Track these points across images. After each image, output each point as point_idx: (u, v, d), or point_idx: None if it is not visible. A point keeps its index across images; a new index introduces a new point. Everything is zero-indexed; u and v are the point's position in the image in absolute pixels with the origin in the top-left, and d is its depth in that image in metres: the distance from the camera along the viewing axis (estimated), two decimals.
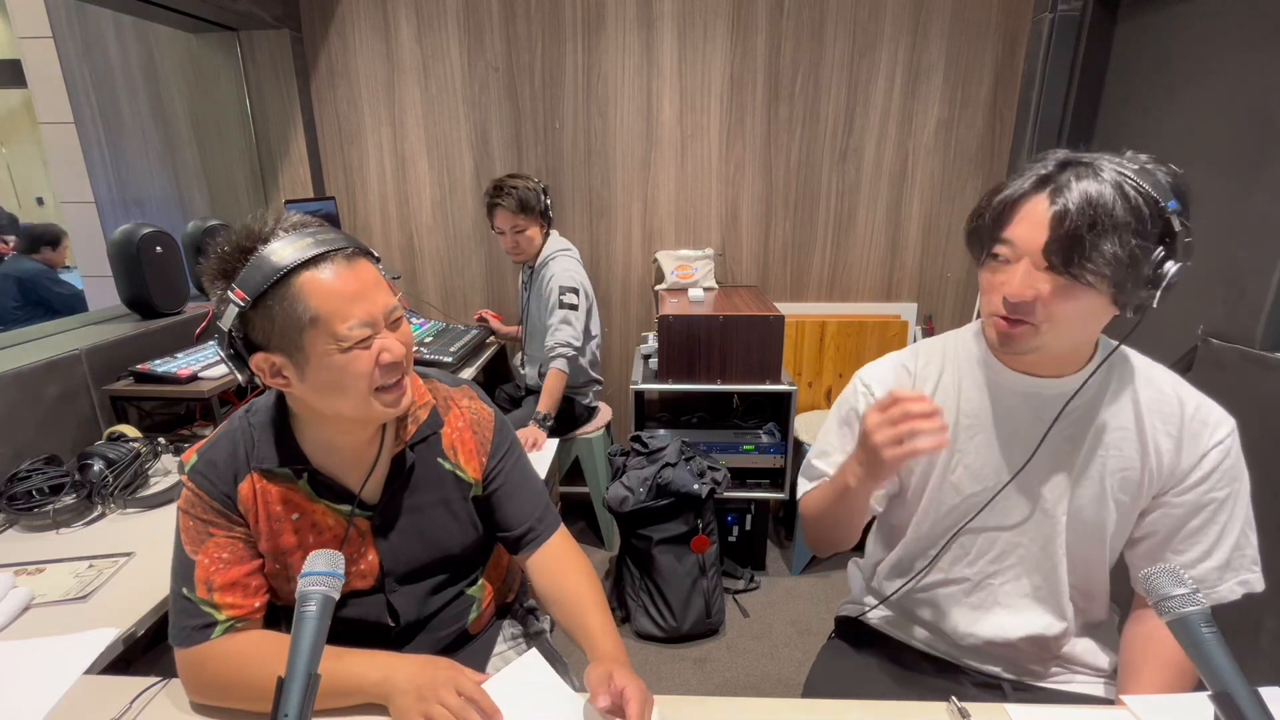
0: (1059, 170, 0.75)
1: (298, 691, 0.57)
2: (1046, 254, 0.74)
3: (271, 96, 2.48)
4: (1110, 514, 0.88)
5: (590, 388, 2.40)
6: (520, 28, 2.45)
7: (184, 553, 0.83)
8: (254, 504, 0.85)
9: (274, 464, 0.85)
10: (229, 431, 0.87)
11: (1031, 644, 0.96)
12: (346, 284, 0.75)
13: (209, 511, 0.83)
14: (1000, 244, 0.79)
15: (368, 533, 0.90)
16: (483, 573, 1.03)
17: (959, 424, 0.92)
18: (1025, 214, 0.76)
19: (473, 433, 0.96)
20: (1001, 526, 0.93)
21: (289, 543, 0.86)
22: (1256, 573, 0.86)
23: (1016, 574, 0.94)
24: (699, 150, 2.54)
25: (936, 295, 2.66)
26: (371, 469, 0.88)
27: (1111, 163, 0.73)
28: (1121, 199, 0.71)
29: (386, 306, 0.79)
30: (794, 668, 1.94)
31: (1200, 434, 0.84)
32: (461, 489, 0.95)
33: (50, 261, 3.14)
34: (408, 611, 0.95)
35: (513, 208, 2.13)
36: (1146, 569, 0.63)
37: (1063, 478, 0.89)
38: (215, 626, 0.81)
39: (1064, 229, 0.72)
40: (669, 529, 2.00)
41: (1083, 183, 0.72)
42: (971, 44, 2.37)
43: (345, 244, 0.77)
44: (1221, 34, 1.68)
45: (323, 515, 0.88)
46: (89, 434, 1.49)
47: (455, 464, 0.94)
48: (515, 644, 1.07)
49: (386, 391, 0.80)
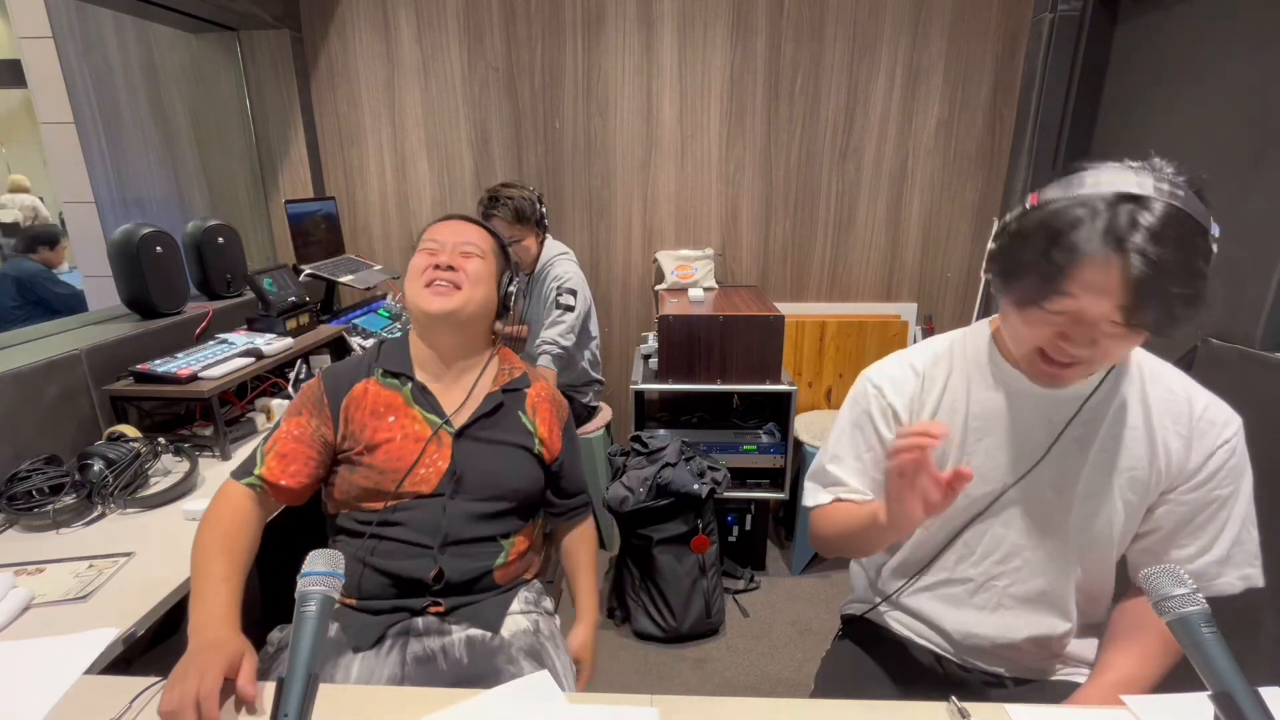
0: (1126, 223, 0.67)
1: (298, 691, 0.57)
2: (1126, 319, 0.69)
3: (271, 96, 2.48)
4: (1118, 514, 0.88)
5: (591, 388, 2.40)
6: (520, 28, 2.45)
7: (280, 419, 1.08)
8: (364, 400, 1.07)
9: (388, 368, 1.10)
10: (360, 354, 1.17)
11: (1035, 644, 0.96)
12: (441, 229, 1.11)
13: (314, 398, 1.07)
14: (1061, 299, 0.71)
15: (448, 445, 1.07)
16: (520, 531, 1.14)
17: (968, 426, 0.92)
18: (1092, 275, 0.68)
19: (551, 405, 1.18)
20: (1008, 528, 0.93)
21: (382, 436, 1.05)
22: (1257, 567, 0.87)
23: (1022, 575, 0.94)
24: (699, 150, 2.54)
25: (936, 295, 2.66)
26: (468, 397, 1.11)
27: (1162, 193, 0.68)
28: (1189, 247, 0.67)
29: (457, 241, 1.08)
30: (794, 668, 1.94)
31: (1208, 433, 0.84)
32: (530, 443, 1.13)
33: (48, 261, 3.13)
34: (454, 521, 1.06)
35: (509, 218, 2.13)
36: (1147, 569, 0.63)
37: (1070, 479, 0.88)
38: (251, 475, 1.02)
39: (1145, 297, 0.67)
40: (669, 529, 2.00)
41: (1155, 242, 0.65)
42: (971, 44, 2.37)
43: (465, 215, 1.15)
44: (1221, 34, 1.68)
45: (414, 419, 1.07)
46: (89, 434, 1.49)
47: (533, 422, 1.14)
48: (528, 612, 1.11)
49: (432, 287, 1.05)
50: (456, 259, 1.07)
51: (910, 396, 0.95)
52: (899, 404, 0.95)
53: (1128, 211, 0.67)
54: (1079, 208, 0.69)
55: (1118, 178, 0.70)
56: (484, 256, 1.10)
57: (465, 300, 1.06)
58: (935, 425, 0.74)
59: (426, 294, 1.05)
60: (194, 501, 1.30)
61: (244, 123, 2.52)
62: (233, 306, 2.01)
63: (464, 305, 1.06)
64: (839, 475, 1.00)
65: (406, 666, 1.00)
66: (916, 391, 0.95)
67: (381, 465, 1.04)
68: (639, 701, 0.78)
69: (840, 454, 1.01)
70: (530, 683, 0.84)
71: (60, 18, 2.45)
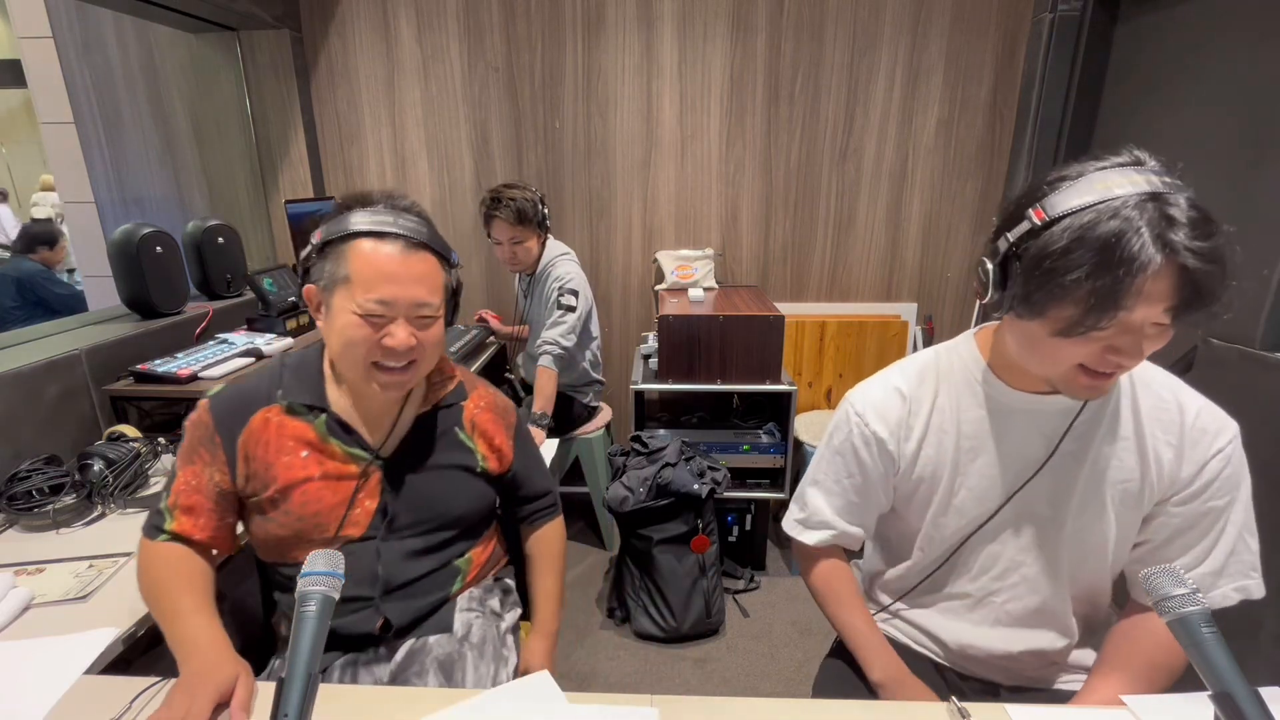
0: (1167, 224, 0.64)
1: (297, 691, 0.57)
2: (1176, 317, 0.67)
3: (271, 96, 2.48)
4: (1111, 526, 0.87)
5: (591, 388, 2.40)
6: (520, 28, 2.45)
7: (175, 463, 0.93)
8: (264, 434, 0.92)
9: (296, 399, 0.93)
10: (260, 370, 0.97)
11: (1033, 657, 0.96)
12: (387, 264, 0.83)
13: (205, 438, 0.91)
14: (1111, 320, 0.67)
15: (375, 480, 0.95)
16: (475, 545, 1.06)
17: (960, 447, 0.90)
18: (1152, 286, 0.65)
19: (494, 414, 1.05)
20: (1004, 545, 0.92)
21: (295, 476, 0.92)
22: (1256, 579, 0.84)
23: (1019, 592, 0.93)
24: (699, 150, 2.54)
25: (936, 295, 2.66)
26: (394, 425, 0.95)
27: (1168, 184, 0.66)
28: (1217, 230, 0.65)
29: (414, 299, 0.85)
30: (794, 668, 1.94)
31: (1200, 442, 0.82)
32: (471, 461, 1.02)
33: (48, 261, 3.14)
34: (390, 567, 0.96)
35: (511, 219, 2.12)
36: (1146, 570, 0.63)
37: (1064, 494, 0.87)
38: (164, 531, 0.90)
39: (1200, 292, 0.65)
40: (669, 529, 2.00)
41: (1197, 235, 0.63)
42: (971, 44, 2.37)
43: (411, 234, 0.85)
44: (1221, 34, 1.68)
45: (331, 455, 0.93)
46: (89, 434, 1.49)
47: (471, 438, 1.02)
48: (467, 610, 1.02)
49: (384, 371, 0.87)
50: (412, 334, 0.85)
51: (895, 422, 0.93)
52: (882, 432, 0.93)
53: (1159, 210, 0.64)
54: (1111, 218, 0.65)
55: (1124, 179, 0.67)
56: (439, 309, 0.89)
57: (419, 376, 0.92)
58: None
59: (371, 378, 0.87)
60: None
61: (244, 123, 2.52)
62: (233, 306, 2.01)
63: (418, 380, 0.92)
64: (819, 506, 1.01)
65: None
66: (903, 416, 0.93)
67: (299, 511, 0.91)
68: (639, 701, 0.79)
69: (820, 478, 1.01)
70: (530, 683, 0.84)
71: (60, 18, 2.45)
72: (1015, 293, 0.73)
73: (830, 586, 1.03)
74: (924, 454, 0.92)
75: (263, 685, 0.80)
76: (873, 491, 0.97)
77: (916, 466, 0.93)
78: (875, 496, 0.98)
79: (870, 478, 0.96)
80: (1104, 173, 0.68)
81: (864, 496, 0.98)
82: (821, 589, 1.04)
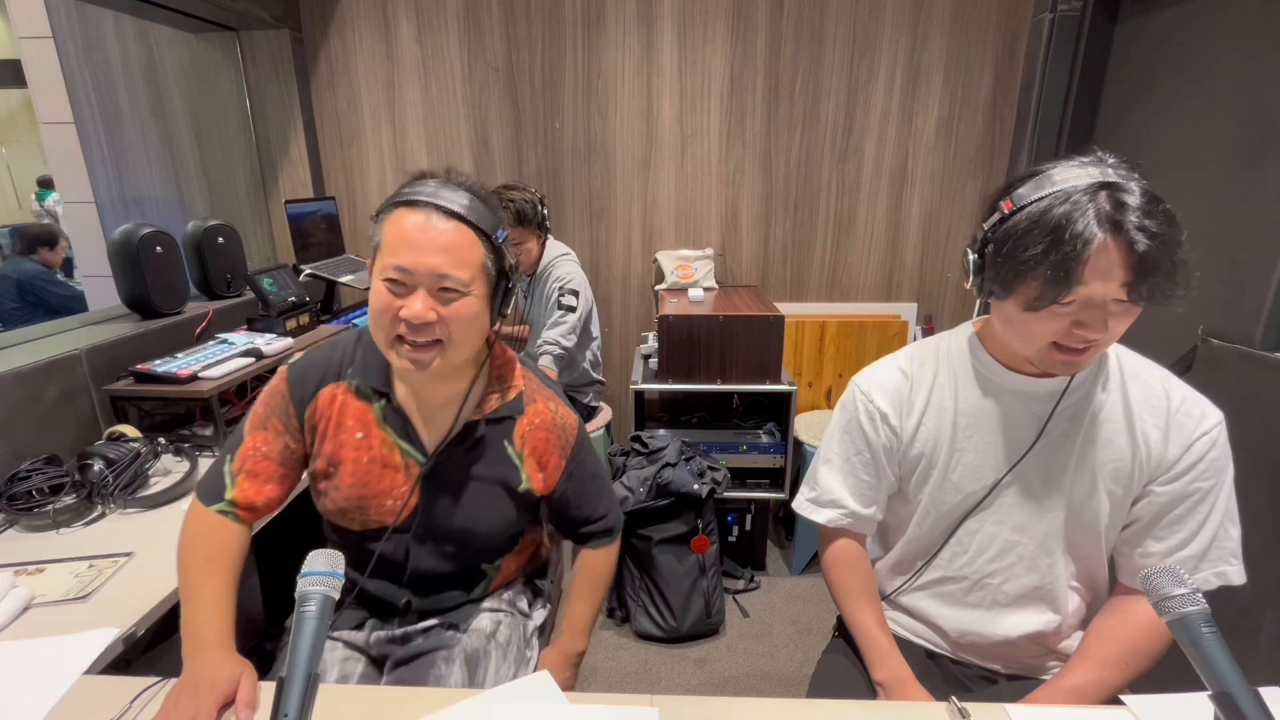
0: (1116, 206, 0.71)
1: (298, 691, 0.57)
2: (1131, 294, 0.72)
3: (271, 96, 2.48)
4: (1104, 505, 0.90)
5: (591, 388, 2.40)
6: (520, 28, 2.45)
7: (242, 429, 0.94)
8: (329, 410, 0.93)
9: (362, 380, 0.93)
10: (336, 342, 0.97)
11: (1031, 642, 0.97)
12: (413, 232, 0.80)
13: (280, 406, 0.93)
14: (1067, 294, 0.74)
15: (416, 477, 0.94)
16: (504, 559, 1.06)
17: (957, 424, 0.94)
18: (1099, 260, 0.71)
19: (548, 432, 0.98)
20: (1000, 524, 0.94)
21: (346, 455, 0.93)
22: (1236, 565, 0.87)
23: (1015, 572, 0.95)
24: (699, 150, 2.54)
25: (936, 295, 2.66)
26: (450, 427, 0.93)
27: (1124, 177, 0.73)
28: (1170, 219, 0.71)
29: (433, 269, 0.80)
30: (794, 668, 1.94)
31: (1186, 425, 0.86)
32: (515, 478, 0.98)
33: (47, 262, 3.14)
34: (419, 561, 0.98)
35: (510, 221, 2.12)
36: (1146, 570, 0.63)
37: (1058, 473, 0.90)
38: (222, 501, 0.91)
39: (1148, 270, 0.71)
40: (669, 529, 2.00)
41: (1146, 217, 0.70)
42: (971, 44, 2.37)
43: (446, 203, 0.81)
44: (1221, 34, 1.68)
45: (383, 442, 0.94)
46: (89, 434, 1.49)
47: (519, 454, 0.97)
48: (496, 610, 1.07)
49: (404, 344, 0.83)
50: (431, 307, 0.80)
51: (898, 398, 0.97)
52: (886, 408, 0.97)
53: (1110, 196, 0.72)
54: (1063, 203, 0.73)
55: (1082, 172, 0.74)
56: (470, 285, 0.82)
57: (449, 359, 0.85)
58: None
59: (393, 353, 0.84)
60: None
61: (244, 123, 2.52)
62: (233, 306, 2.01)
63: (448, 363, 0.85)
64: (830, 484, 1.03)
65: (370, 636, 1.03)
66: (905, 392, 0.97)
67: (346, 490, 0.94)
68: (639, 701, 0.79)
69: (831, 457, 1.04)
70: (530, 683, 0.84)
71: (60, 18, 2.44)
72: (989, 275, 0.81)
73: (842, 579, 1.04)
74: (923, 430, 0.96)
75: (263, 685, 0.80)
76: (881, 468, 1.00)
77: (916, 442, 0.96)
78: (884, 473, 1.00)
79: (877, 453, 0.99)
80: (1065, 167, 0.76)
81: (873, 474, 1.01)
82: (834, 580, 1.06)
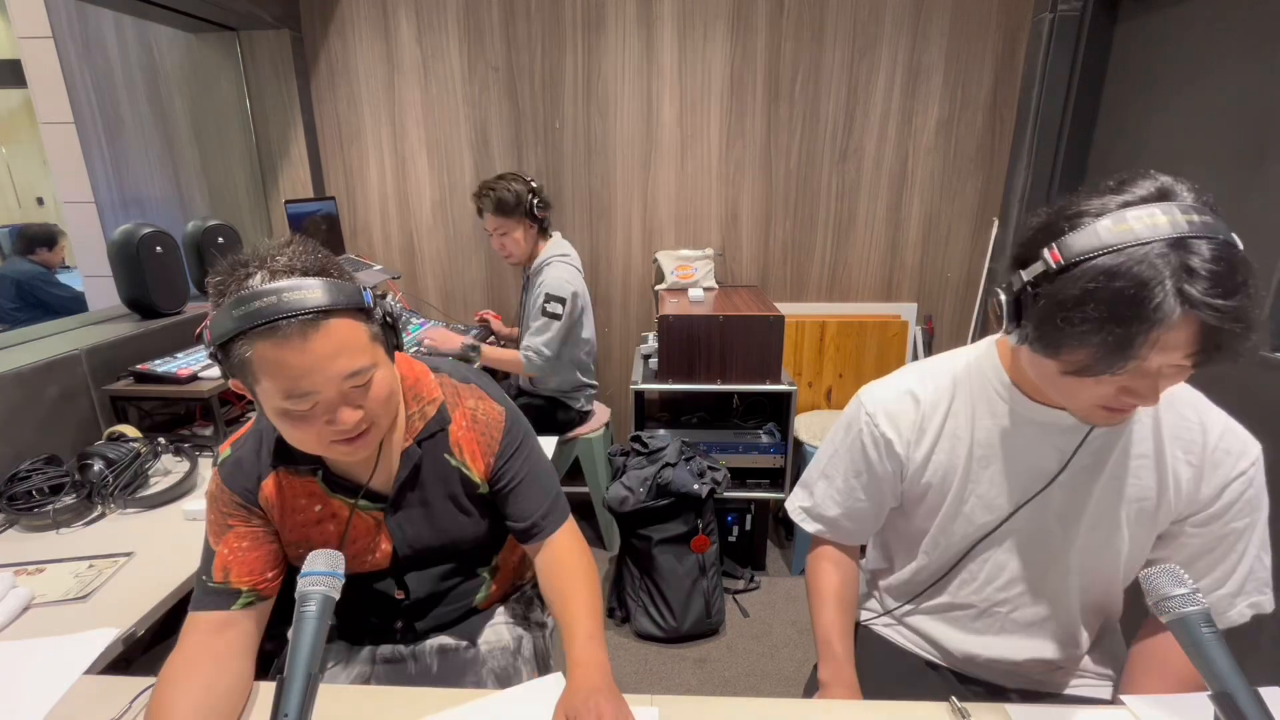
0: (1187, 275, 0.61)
1: (298, 691, 0.57)
2: (1196, 364, 0.65)
3: (271, 96, 2.48)
4: (1124, 542, 0.86)
5: (581, 392, 2.38)
6: (520, 28, 2.45)
7: (208, 541, 0.88)
8: (277, 499, 0.89)
9: (291, 463, 0.88)
10: (256, 430, 0.91)
11: (1039, 665, 0.95)
12: (294, 357, 0.69)
13: (230, 505, 0.87)
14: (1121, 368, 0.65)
15: (381, 523, 0.94)
16: (498, 557, 1.07)
17: (972, 454, 0.89)
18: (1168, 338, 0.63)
19: (478, 433, 0.95)
20: (1011, 554, 0.91)
21: (313, 533, 0.91)
22: (1267, 594, 0.85)
23: (1024, 602, 0.92)
24: (699, 150, 2.54)
25: (936, 295, 2.66)
26: (375, 466, 0.90)
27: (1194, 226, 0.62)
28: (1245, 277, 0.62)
29: (336, 378, 0.72)
30: (794, 667, 1.94)
31: (1223, 464, 0.81)
32: (468, 485, 0.96)
33: (47, 262, 3.13)
34: (419, 589, 1.00)
35: (490, 209, 2.12)
36: (1146, 569, 0.63)
37: (1077, 509, 0.86)
38: (239, 597, 0.84)
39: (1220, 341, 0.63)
40: (669, 529, 2.00)
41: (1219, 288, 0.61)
42: (971, 44, 2.37)
43: (306, 307, 0.69)
44: (1221, 34, 1.68)
45: (340, 507, 0.92)
46: (89, 434, 1.49)
47: (461, 461, 0.95)
48: (510, 625, 1.08)
49: (342, 443, 0.78)
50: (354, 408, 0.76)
51: (908, 426, 0.92)
52: (891, 434, 0.92)
53: (1180, 260, 0.61)
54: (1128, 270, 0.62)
55: (1146, 220, 0.63)
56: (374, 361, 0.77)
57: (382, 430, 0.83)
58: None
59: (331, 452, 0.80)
60: (194, 501, 1.30)
61: (244, 123, 2.52)
62: None
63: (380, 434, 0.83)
64: (827, 503, 1.01)
65: (376, 666, 1.01)
66: (916, 421, 0.92)
67: None
68: (639, 701, 0.79)
69: (832, 474, 1.01)
70: (537, 685, 0.84)
71: (60, 18, 2.44)
72: (1029, 331, 0.71)
73: (818, 581, 1.03)
74: (935, 459, 0.91)
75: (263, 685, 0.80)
76: (880, 491, 0.97)
77: (926, 471, 0.92)
78: (882, 496, 0.98)
79: (878, 476, 0.96)
80: (1125, 211, 0.64)
81: (871, 496, 0.98)
82: (810, 579, 1.05)
